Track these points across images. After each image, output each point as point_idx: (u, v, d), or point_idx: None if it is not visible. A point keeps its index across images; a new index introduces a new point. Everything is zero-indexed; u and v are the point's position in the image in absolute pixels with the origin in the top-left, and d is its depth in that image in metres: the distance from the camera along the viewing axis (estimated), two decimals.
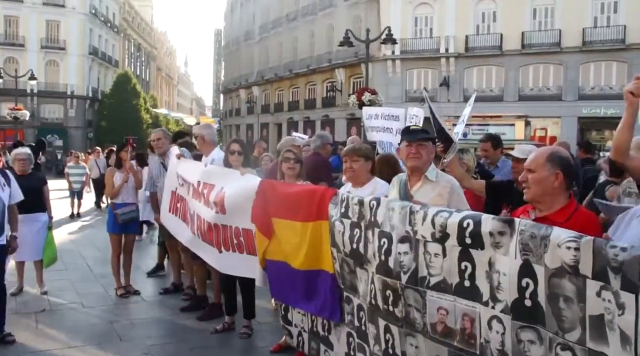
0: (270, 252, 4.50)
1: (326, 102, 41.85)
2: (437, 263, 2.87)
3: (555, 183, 2.88)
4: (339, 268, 3.84)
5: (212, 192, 5.20)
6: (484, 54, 33.31)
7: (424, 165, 3.79)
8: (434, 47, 34.83)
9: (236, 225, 4.86)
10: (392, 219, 3.23)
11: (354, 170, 4.32)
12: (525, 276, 2.40)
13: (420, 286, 2.97)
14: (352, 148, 4.47)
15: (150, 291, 7.32)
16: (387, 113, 7.52)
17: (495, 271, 2.55)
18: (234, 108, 59.06)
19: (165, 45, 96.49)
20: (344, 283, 3.83)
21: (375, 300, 3.38)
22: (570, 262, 2.19)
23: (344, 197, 3.76)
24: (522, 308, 2.41)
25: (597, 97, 30.45)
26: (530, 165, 2.96)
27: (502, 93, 33.17)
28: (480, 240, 2.62)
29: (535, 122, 32.23)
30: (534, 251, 2.36)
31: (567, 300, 2.22)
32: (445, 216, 2.84)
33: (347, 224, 3.67)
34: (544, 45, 31.78)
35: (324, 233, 3.93)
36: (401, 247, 3.10)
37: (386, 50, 34.43)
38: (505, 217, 2.65)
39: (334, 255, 3.86)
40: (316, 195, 4.06)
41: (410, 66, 35.72)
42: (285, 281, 4.35)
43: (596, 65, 31.00)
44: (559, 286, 2.26)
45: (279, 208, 4.38)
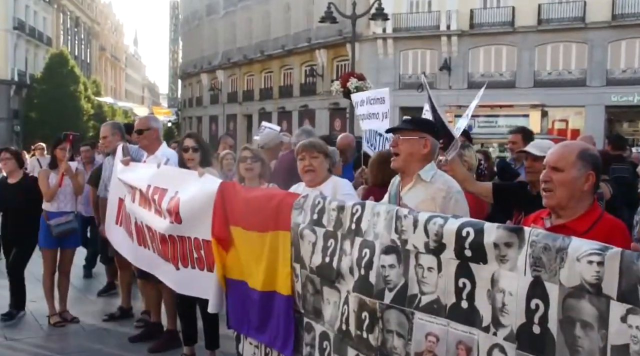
0: (229, 268, 4.47)
1: (305, 90, 41.91)
2: (430, 279, 2.84)
3: (585, 185, 2.88)
4: (300, 289, 3.82)
5: (165, 197, 5.15)
6: (493, 32, 33.66)
7: (406, 162, 3.78)
8: (433, 24, 35.10)
9: (195, 236, 4.82)
10: (376, 226, 3.21)
11: (315, 169, 4.40)
12: (535, 296, 2.37)
13: (408, 307, 2.94)
14: (309, 143, 4.53)
15: (92, 318, 7.20)
16: (372, 97, 7.58)
17: (499, 290, 2.52)
18: (194, 96, 58.88)
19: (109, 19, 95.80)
20: (304, 307, 3.80)
21: (346, 324, 3.35)
22: (592, 279, 2.17)
23: (317, 200, 3.75)
24: (530, 336, 2.39)
25: (629, 81, 30.93)
26: (558, 163, 2.93)
27: (515, 78, 33.54)
28: (482, 252, 2.60)
29: (553, 112, 32.62)
30: (547, 266, 2.35)
31: (586, 326, 2.20)
32: (440, 223, 2.81)
33: (320, 233, 3.65)
34: (565, 20, 32.20)
35: (281, 246, 3.92)
36: (386, 258, 3.08)
37: (376, 28, 34.58)
38: (513, 226, 2.65)
39: (295, 272, 3.84)
40: (274, 200, 4.05)
41: (404, 46, 35.93)
42: (243, 306, 4.33)
43: (628, 43, 31.47)
44: (576, 309, 2.23)
45: (238, 216, 4.37)
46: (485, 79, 33.81)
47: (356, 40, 23.70)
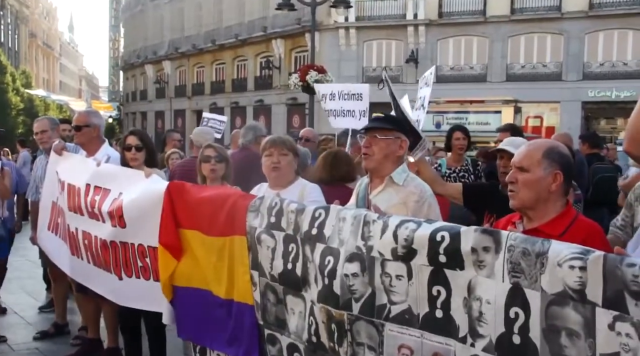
0: (181, 275, 4.42)
1: (260, 83, 41.82)
2: (400, 287, 2.85)
3: (552, 186, 2.93)
4: (259, 299, 3.81)
5: (107, 199, 5.08)
6: (463, 22, 34.14)
7: (380, 164, 3.82)
8: (399, 13, 35.43)
9: (140, 242, 4.76)
10: (342, 232, 3.21)
11: (281, 167, 4.39)
12: (514, 304, 2.40)
13: (378, 318, 2.95)
14: (278, 138, 4.53)
15: (22, 335, 7.05)
16: (346, 92, 7.47)
17: (475, 298, 2.54)
18: (138, 89, 58.15)
19: (40, 2, 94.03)
20: (265, 318, 3.79)
21: (317, 336, 3.35)
22: (575, 285, 2.20)
23: (274, 202, 3.73)
24: (510, 347, 2.42)
25: (607, 76, 31.69)
26: (522, 163, 3.00)
27: (486, 71, 34.06)
28: (459, 257, 2.61)
29: (527, 108, 33.19)
30: (526, 272, 2.37)
31: (572, 334, 2.23)
32: (413, 227, 2.83)
33: (279, 237, 3.63)
34: (540, 9, 32.86)
35: (238, 252, 3.91)
36: (349, 267, 3.08)
37: (338, 16, 34.73)
38: (491, 228, 2.67)
39: (254, 280, 3.83)
40: (228, 202, 4.03)
41: (368, 37, 36.16)
42: (203, 315, 4.29)
43: (606, 34, 32.22)
44: (561, 317, 2.26)
45: (191, 219, 4.33)
46: (455, 72, 34.31)
47: (316, 30, 23.74)
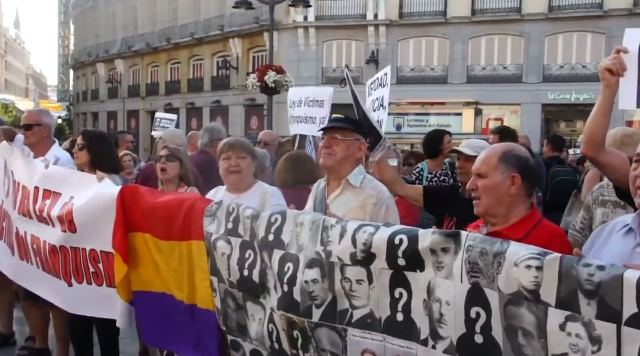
0: (142, 280, 4.40)
1: (217, 83, 41.56)
2: (361, 291, 2.89)
3: (512, 189, 2.99)
4: (219, 305, 3.82)
5: (57, 203, 5.00)
6: (424, 22, 34.44)
7: (340, 164, 3.85)
8: (359, 13, 35.58)
9: (92, 247, 4.71)
10: (300, 237, 3.23)
11: (241, 170, 4.39)
12: (474, 304, 2.46)
13: (340, 323, 2.98)
14: (236, 141, 4.55)
15: None
16: (311, 98, 7.47)
17: (435, 299, 2.60)
18: (89, 89, 57.24)
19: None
20: (227, 323, 3.80)
21: (279, 343, 3.37)
22: (530, 285, 2.27)
23: (231, 207, 3.74)
24: (472, 346, 2.47)
25: (566, 78, 32.28)
26: (480, 169, 3.06)
27: (447, 73, 34.41)
28: (418, 259, 2.67)
29: (488, 110, 33.71)
30: (484, 272, 2.43)
31: (527, 334, 2.30)
32: (371, 231, 2.87)
33: (236, 244, 3.64)
34: (501, 11, 33.29)
35: (197, 257, 3.91)
36: (309, 273, 3.11)
37: (297, 16, 34.72)
38: (449, 230, 2.73)
39: (213, 286, 3.83)
40: (183, 206, 4.03)
41: (328, 37, 36.24)
42: (167, 320, 4.27)
43: (566, 37, 32.82)
44: (517, 317, 2.33)
45: (147, 223, 4.31)
46: (416, 73, 34.61)
47: (274, 29, 23.73)
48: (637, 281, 2.01)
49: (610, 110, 3.14)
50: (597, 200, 4.73)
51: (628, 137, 4.22)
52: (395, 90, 32.47)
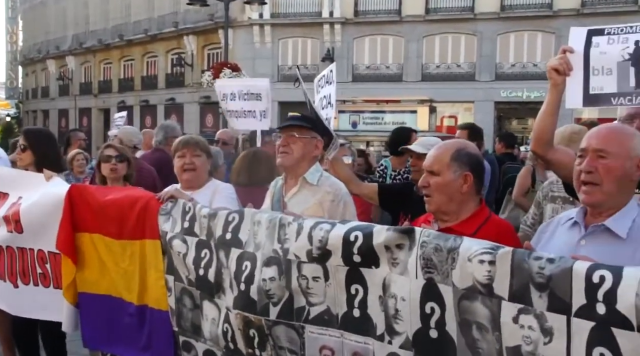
0: (88, 282, 4.35)
1: (172, 81, 41.18)
2: (317, 288, 2.92)
3: (464, 187, 3.03)
4: (174, 304, 3.81)
5: (5, 203, 4.91)
6: (379, 20, 34.64)
7: (297, 163, 3.86)
8: (315, 10, 35.61)
9: (40, 248, 4.64)
10: (257, 236, 3.24)
11: (196, 168, 4.38)
12: (429, 299, 2.50)
13: (297, 321, 3.00)
14: (191, 138, 4.54)
15: None
16: (245, 91, 7.36)
17: (390, 295, 2.64)
18: (39, 86, 56.11)
19: None
20: (180, 324, 3.79)
21: (234, 343, 3.37)
22: (484, 279, 2.32)
23: (187, 207, 3.73)
24: (428, 341, 2.52)
25: (518, 76, 32.82)
26: (432, 167, 3.09)
27: (402, 71, 34.67)
28: (373, 255, 2.70)
29: (442, 108, 34.11)
30: (438, 267, 2.48)
31: (481, 328, 2.36)
32: (327, 229, 2.90)
33: (192, 243, 3.63)
34: (454, 10, 33.68)
35: (151, 256, 3.90)
36: (267, 271, 3.12)
37: (252, 13, 34.57)
38: (404, 227, 2.76)
39: (168, 285, 3.82)
40: (137, 205, 4.00)
41: (284, 34, 36.19)
42: (113, 323, 4.22)
43: (517, 36, 33.39)
44: (471, 311, 2.38)
45: (95, 223, 4.26)
46: (371, 71, 34.81)
47: (229, 26, 23.62)
48: (585, 272, 2.07)
49: (557, 109, 3.22)
50: (547, 196, 4.84)
51: (576, 135, 4.32)
52: (351, 88, 32.65)
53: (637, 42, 3.00)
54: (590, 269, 2.07)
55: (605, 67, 3.07)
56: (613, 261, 2.22)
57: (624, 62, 3.02)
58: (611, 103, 3.09)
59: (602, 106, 3.19)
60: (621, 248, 2.51)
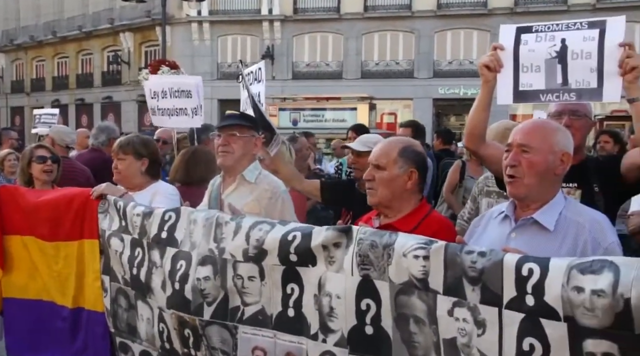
0: (14, 286, 4.24)
1: (108, 79, 40.45)
2: (253, 288, 2.93)
3: (408, 184, 3.09)
4: (109, 305, 3.78)
5: None
6: (318, 18, 34.72)
7: (237, 162, 3.85)
8: (254, 8, 35.46)
9: None
10: (193, 235, 3.23)
11: (120, 172, 4.38)
12: (365, 296, 2.54)
13: (231, 321, 3.01)
14: (119, 142, 4.52)
15: None
16: (175, 89, 7.23)
17: (325, 294, 2.66)
18: None
19: None
20: (116, 325, 3.76)
21: (170, 343, 3.35)
22: (419, 274, 2.37)
23: (118, 204, 3.69)
24: (363, 338, 2.55)
25: (455, 73, 33.35)
26: (379, 161, 3.12)
27: (341, 68, 34.87)
28: (310, 255, 2.72)
29: (382, 105, 34.32)
30: (375, 264, 2.51)
31: (419, 321, 2.40)
32: (266, 229, 2.91)
33: (127, 241, 3.60)
34: (392, 7, 34.03)
35: (88, 256, 3.85)
36: (202, 270, 3.12)
37: (190, 10, 34.23)
38: (342, 226, 2.80)
39: (104, 285, 3.79)
40: (74, 204, 3.94)
41: (222, 32, 35.93)
42: (42, 327, 4.13)
43: (454, 34, 33.96)
44: (408, 306, 2.42)
45: (28, 224, 4.17)
46: (311, 68, 34.87)
47: (167, 23, 23.37)
48: (515, 264, 2.13)
49: (489, 105, 3.30)
50: (482, 190, 4.94)
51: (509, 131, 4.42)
52: (291, 86, 32.64)
53: (563, 40, 3.09)
54: (520, 262, 2.13)
55: (534, 64, 3.15)
56: (541, 252, 2.30)
57: (551, 59, 3.11)
58: (540, 99, 3.18)
59: (531, 102, 3.29)
60: (549, 240, 2.60)
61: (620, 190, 3.40)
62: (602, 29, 3.03)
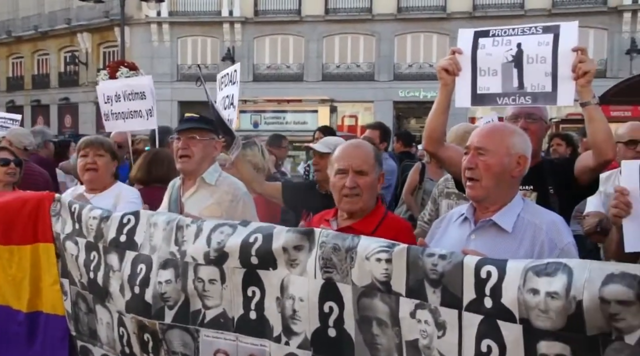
0: None
1: (65, 80, 39.82)
2: (214, 291, 2.92)
3: (378, 186, 3.19)
4: (70, 308, 3.74)
5: None
6: (279, 20, 34.67)
7: (198, 166, 3.83)
8: (214, 9, 35.27)
9: None
10: (153, 238, 3.21)
11: (98, 169, 4.31)
12: (328, 299, 2.55)
13: (192, 324, 3.00)
14: (95, 138, 4.45)
15: None
16: (129, 91, 7.15)
17: (288, 297, 2.67)
18: None
19: None
20: (78, 328, 3.72)
21: (129, 347, 3.32)
22: (382, 277, 2.39)
23: (74, 207, 3.65)
24: (326, 340, 2.56)
25: (415, 76, 33.64)
26: (362, 167, 3.11)
27: (302, 70, 34.88)
28: (271, 258, 2.73)
29: (343, 108, 34.49)
30: (338, 267, 2.53)
31: (381, 323, 2.42)
32: (228, 232, 2.91)
33: (82, 244, 3.57)
34: (353, 10, 34.17)
35: (44, 260, 3.81)
36: (163, 274, 3.10)
37: (149, 10, 33.87)
38: (304, 228, 2.81)
39: (64, 289, 3.75)
40: (27, 207, 3.88)
41: (183, 33, 35.65)
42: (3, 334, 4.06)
43: (414, 37, 34.24)
44: (371, 308, 2.45)
45: None
46: (272, 71, 34.82)
47: (126, 24, 23.11)
48: (474, 267, 2.17)
49: (447, 108, 3.36)
50: (442, 192, 5.00)
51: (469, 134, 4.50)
52: (252, 88, 32.51)
53: (519, 44, 3.16)
54: (479, 265, 2.17)
55: (491, 68, 3.21)
56: (500, 254, 2.34)
57: (507, 63, 3.18)
58: (497, 102, 3.24)
59: (489, 105, 3.35)
60: (507, 242, 2.65)
61: (574, 192, 3.49)
62: (556, 33, 3.10)
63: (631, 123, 4.58)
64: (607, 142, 3.12)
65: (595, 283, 1.91)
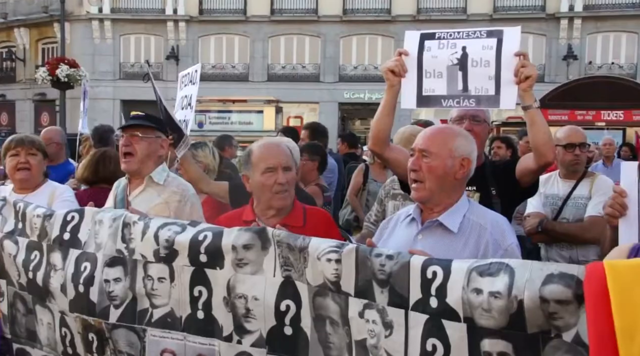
0: None
1: (1, 76, 38.70)
2: (162, 290, 2.91)
3: None
4: (6, 310, 3.66)
5: None
6: (224, 19, 34.48)
7: (142, 164, 3.80)
8: (158, 7, 34.83)
9: None
10: (98, 235, 3.16)
11: (31, 168, 4.26)
12: (285, 297, 2.58)
13: (139, 324, 2.97)
14: (26, 137, 4.40)
15: None
16: None
17: (237, 296, 2.68)
18: None
19: None
20: (14, 331, 3.64)
21: (72, 348, 3.27)
22: (332, 277, 2.42)
23: (19, 206, 3.58)
24: (282, 338, 2.59)
25: (360, 78, 33.96)
26: (288, 163, 3.27)
27: (248, 71, 34.76)
28: (219, 255, 2.73)
29: (288, 108, 34.42)
30: (295, 266, 2.56)
31: (333, 323, 2.46)
32: (177, 230, 2.89)
33: (23, 244, 3.50)
34: (298, 11, 34.23)
35: None
36: (110, 272, 3.06)
37: (90, 7, 33.25)
38: (255, 227, 2.81)
39: (1, 290, 3.68)
40: None
41: (125, 31, 35.09)
42: None
43: (359, 39, 34.51)
44: (324, 308, 2.48)
45: None
46: (217, 70, 34.59)
47: (66, 20, 22.64)
48: (421, 266, 2.21)
49: (393, 109, 3.42)
50: (388, 193, 5.06)
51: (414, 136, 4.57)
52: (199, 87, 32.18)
53: (464, 47, 3.23)
54: (425, 265, 2.21)
55: (436, 71, 3.28)
56: (446, 254, 2.40)
57: (452, 66, 3.24)
58: (442, 104, 3.30)
59: (434, 107, 3.41)
60: (453, 242, 2.72)
61: (516, 193, 3.59)
62: (500, 38, 3.18)
63: (569, 127, 4.71)
64: (547, 145, 3.22)
65: (535, 283, 1.97)
